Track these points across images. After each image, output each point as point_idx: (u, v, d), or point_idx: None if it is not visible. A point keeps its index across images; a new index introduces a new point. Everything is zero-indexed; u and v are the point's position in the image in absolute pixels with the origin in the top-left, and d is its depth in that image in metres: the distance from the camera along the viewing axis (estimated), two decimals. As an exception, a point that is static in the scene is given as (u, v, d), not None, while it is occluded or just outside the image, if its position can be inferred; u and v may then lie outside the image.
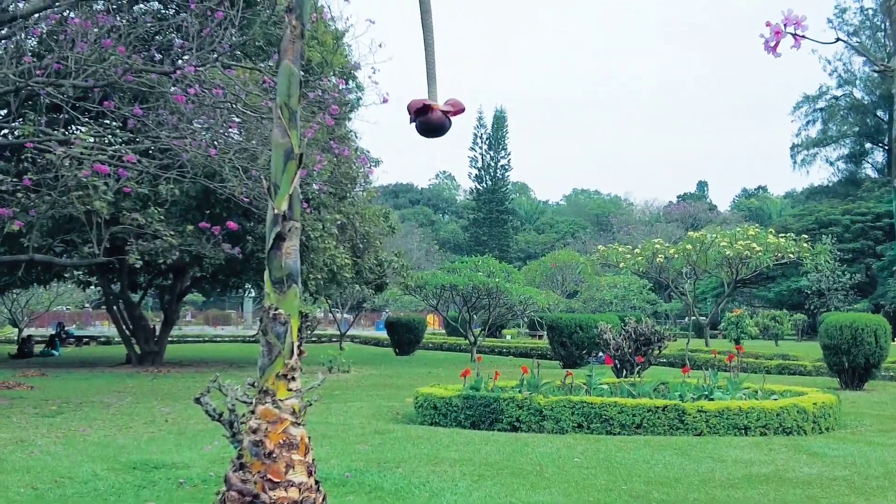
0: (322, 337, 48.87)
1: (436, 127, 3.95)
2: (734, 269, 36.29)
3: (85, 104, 15.87)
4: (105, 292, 29.39)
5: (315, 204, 23.00)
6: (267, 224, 4.72)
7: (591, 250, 60.84)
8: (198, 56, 14.97)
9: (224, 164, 16.22)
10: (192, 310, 74.26)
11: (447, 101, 3.98)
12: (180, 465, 9.14)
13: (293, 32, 4.74)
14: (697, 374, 14.98)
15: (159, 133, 15.78)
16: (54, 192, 14.99)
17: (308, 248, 22.43)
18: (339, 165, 23.67)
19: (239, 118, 17.11)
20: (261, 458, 4.49)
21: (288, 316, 4.64)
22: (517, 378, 14.28)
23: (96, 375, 22.91)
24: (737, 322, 40.96)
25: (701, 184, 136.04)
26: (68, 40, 14.40)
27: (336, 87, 17.53)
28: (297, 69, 4.75)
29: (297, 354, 4.67)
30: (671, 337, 21.76)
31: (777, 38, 3.04)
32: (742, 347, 22.38)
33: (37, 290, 39.69)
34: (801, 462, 9.73)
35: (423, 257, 72.45)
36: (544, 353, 31.03)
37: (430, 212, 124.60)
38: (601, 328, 21.04)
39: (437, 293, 33.43)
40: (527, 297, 33.23)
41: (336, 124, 19.35)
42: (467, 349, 35.09)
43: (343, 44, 24.53)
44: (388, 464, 9.32)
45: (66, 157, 14.34)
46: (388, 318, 41.24)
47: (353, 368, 25.42)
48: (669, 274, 38.42)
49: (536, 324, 49.43)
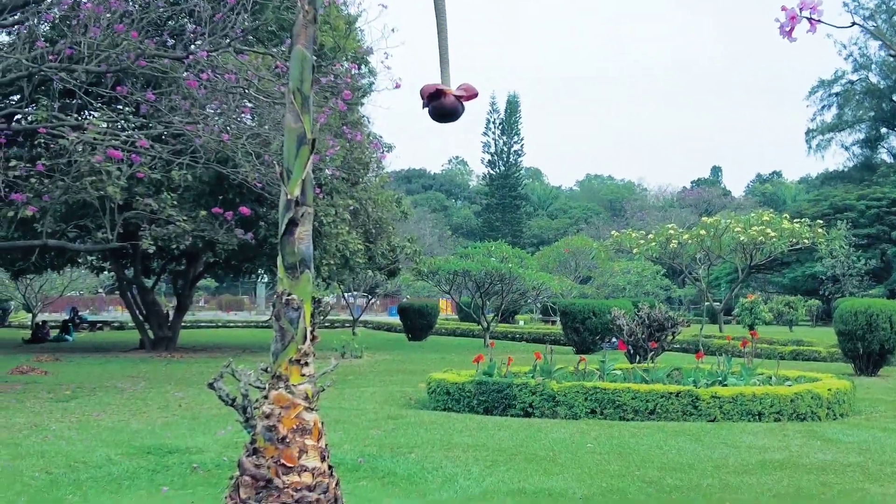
0: (335, 322, 48.99)
1: (449, 112, 3.94)
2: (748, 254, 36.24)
3: (98, 89, 15.90)
4: (118, 277, 29.51)
5: (328, 189, 23.01)
6: (280, 209, 4.72)
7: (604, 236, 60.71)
8: (210, 41, 14.98)
9: (237, 150, 16.23)
10: (205, 295, 74.49)
11: (460, 86, 3.97)
12: (194, 449, 9.18)
13: (305, 17, 4.74)
14: (711, 359, 14.95)
15: (172, 118, 15.79)
16: (67, 177, 15.03)
17: (321, 233, 22.46)
18: (352, 151, 23.69)
19: (251, 103, 17.11)
20: (274, 443, 4.50)
21: (301, 301, 4.65)
22: (530, 364, 14.29)
23: (110, 360, 23.02)
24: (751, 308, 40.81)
25: (715, 169, 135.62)
26: (81, 25, 14.41)
27: (348, 71, 17.50)
28: (310, 54, 4.74)
29: (309, 340, 4.68)
30: (685, 323, 21.71)
31: (792, 23, 3.02)
32: (756, 333, 22.34)
33: (50, 276, 39.83)
34: (815, 448, 9.72)
35: (436, 243, 72.38)
36: (557, 338, 31.04)
37: (442, 197, 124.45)
38: (614, 314, 21.01)
39: (450, 279, 33.45)
40: (540, 283, 33.22)
41: (348, 109, 19.37)
42: (480, 335, 35.13)
43: (355, 28, 24.53)
44: (401, 449, 9.34)
45: (79, 143, 14.38)
46: (401, 304, 41.31)
47: (366, 354, 25.46)
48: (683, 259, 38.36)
49: (549, 309, 49.52)
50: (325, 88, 16.21)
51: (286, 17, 20.67)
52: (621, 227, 62.95)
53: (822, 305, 57.13)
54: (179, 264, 30.89)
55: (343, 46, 22.81)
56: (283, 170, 4.71)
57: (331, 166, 20.37)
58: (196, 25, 16.25)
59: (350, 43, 23.64)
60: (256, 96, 16.15)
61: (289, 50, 5.12)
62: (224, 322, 51.43)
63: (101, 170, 14.55)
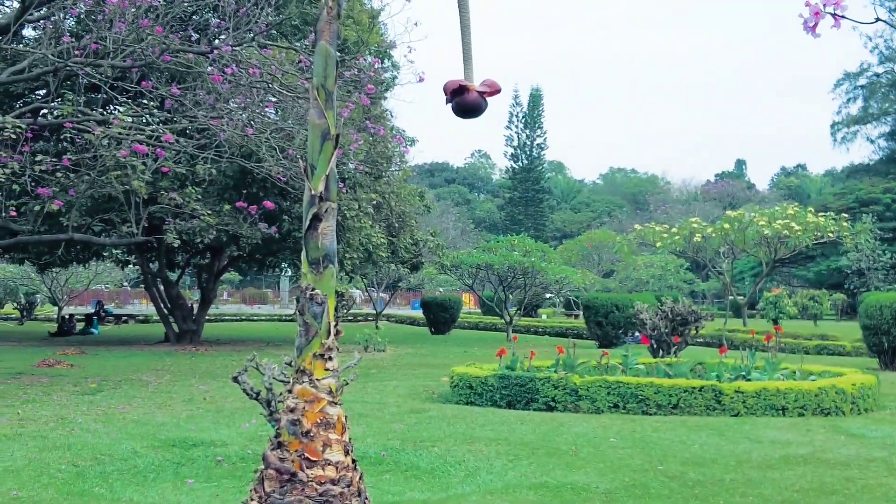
0: (358, 316, 49.09)
1: (472, 108, 3.95)
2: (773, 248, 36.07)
3: (123, 84, 16.00)
4: (143, 271, 29.70)
5: (351, 183, 23.07)
6: (304, 205, 4.76)
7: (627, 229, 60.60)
8: (234, 36, 15.04)
9: (261, 144, 16.30)
10: (229, 288, 74.78)
11: (483, 82, 3.98)
12: (218, 442, 9.25)
13: (329, 14, 4.76)
14: (735, 354, 14.89)
15: (196, 113, 15.88)
16: (93, 171, 15.15)
17: (344, 227, 22.52)
18: (375, 145, 23.73)
19: (275, 98, 17.18)
20: (298, 437, 4.54)
21: (325, 296, 4.68)
22: (553, 358, 14.29)
23: (135, 354, 23.17)
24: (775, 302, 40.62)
25: (739, 162, 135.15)
26: (106, 21, 14.51)
27: (372, 66, 17.54)
28: (334, 50, 4.77)
29: (333, 334, 4.71)
30: (708, 317, 21.66)
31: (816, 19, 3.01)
32: (780, 327, 22.20)
33: (76, 269, 40.11)
34: (839, 443, 9.68)
35: (459, 236, 72.45)
36: (580, 332, 31.00)
37: (465, 191, 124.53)
38: (637, 308, 20.97)
39: (473, 272, 33.49)
40: (563, 277, 33.19)
41: (372, 104, 19.41)
42: (503, 329, 35.15)
43: (379, 22, 24.57)
44: (423, 443, 9.37)
45: (105, 137, 14.48)
46: (424, 298, 41.36)
47: (389, 348, 25.51)
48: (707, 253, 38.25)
49: (572, 303, 49.45)
50: (348, 83, 16.25)
51: (309, 12, 20.74)
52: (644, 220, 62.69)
53: (847, 299, 56.80)
54: (204, 258, 31.05)
55: (366, 41, 22.86)
56: (307, 165, 4.74)
57: (354, 160, 20.42)
58: (220, 20, 16.33)
59: (373, 37, 23.70)
60: (280, 91, 16.20)
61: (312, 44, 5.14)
62: (248, 315, 51.62)
63: (126, 164, 14.65)
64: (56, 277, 41.01)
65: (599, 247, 57.43)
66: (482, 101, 3.94)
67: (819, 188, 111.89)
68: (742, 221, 35.38)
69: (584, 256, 57.06)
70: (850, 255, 53.87)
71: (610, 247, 56.04)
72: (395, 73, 27.89)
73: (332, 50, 4.75)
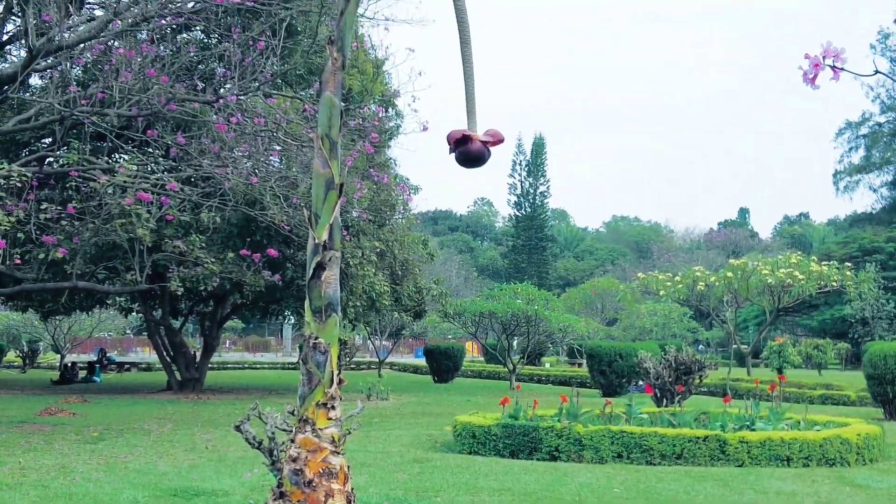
0: (360, 364, 48.97)
1: (475, 157, 3.97)
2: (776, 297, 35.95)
3: (128, 133, 16.12)
4: (146, 319, 29.68)
5: (354, 231, 23.13)
6: (307, 253, 4.77)
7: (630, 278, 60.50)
8: (240, 85, 15.17)
9: (265, 192, 16.37)
10: (232, 336, 74.66)
11: (486, 132, 4.00)
12: (220, 492, 9.19)
13: (334, 64, 4.80)
14: (739, 403, 14.83)
15: (201, 161, 15.97)
16: (98, 219, 15.20)
17: (347, 275, 22.54)
18: (379, 192, 23.81)
19: (280, 146, 17.28)
20: (301, 487, 4.52)
21: (328, 345, 4.68)
22: (556, 406, 14.22)
23: (137, 402, 23.09)
24: (779, 351, 40.47)
25: (742, 210, 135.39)
26: (113, 70, 14.63)
27: (376, 114, 17.68)
28: (338, 100, 4.81)
29: (336, 383, 4.70)
30: (712, 366, 21.59)
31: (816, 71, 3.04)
32: (784, 377, 22.18)
33: (79, 317, 40.07)
34: (845, 494, 9.61)
35: (462, 284, 72.42)
36: (584, 381, 30.92)
37: (468, 238, 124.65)
38: (641, 356, 20.92)
39: (476, 320, 33.45)
40: (566, 325, 33.15)
41: (376, 152, 19.49)
42: (506, 377, 35.03)
43: (383, 72, 24.73)
44: (426, 492, 9.31)
45: (110, 185, 14.55)
46: (427, 346, 41.27)
47: (392, 396, 25.42)
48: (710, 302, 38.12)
49: (576, 351, 49.28)
50: (352, 131, 16.37)
51: (315, 61, 20.90)
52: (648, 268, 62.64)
53: (851, 349, 56.58)
54: (207, 305, 31.03)
55: (370, 89, 23.04)
56: (311, 214, 4.76)
57: (358, 208, 20.49)
58: (226, 69, 16.47)
59: (377, 86, 23.87)
60: (285, 139, 16.31)
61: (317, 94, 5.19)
62: (251, 363, 51.51)
63: (131, 212, 14.70)
64: (59, 325, 40.96)
65: (603, 295, 57.36)
66: (485, 150, 3.95)
67: (822, 237, 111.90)
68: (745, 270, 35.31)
69: (588, 304, 56.98)
70: (853, 304, 53.68)
71: (613, 295, 55.91)
72: (399, 121, 28.06)
73: (336, 100, 4.79)
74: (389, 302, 26.46)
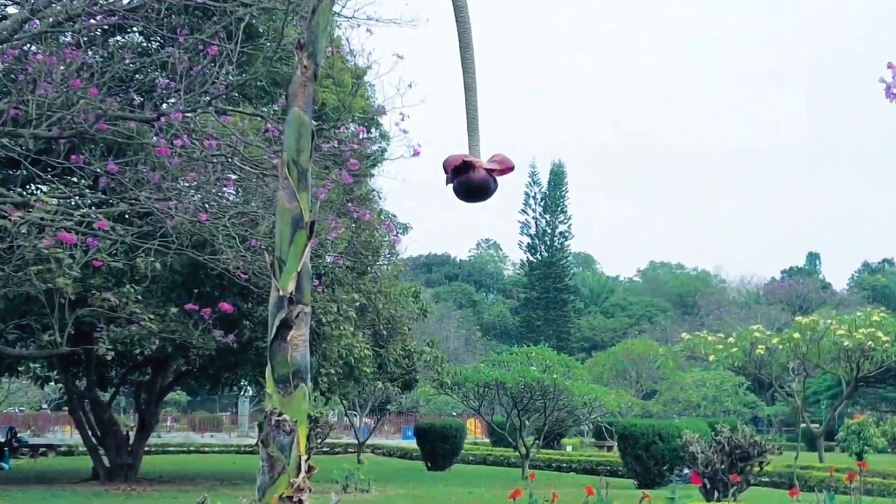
0: (335, 447, 48.78)
1: (478, 188, 3.96)
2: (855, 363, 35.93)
3: (48, 158, 16.12)
4: (68, 390, 29.56)
5: (328, 281, 23.12)
6: (270, 308, 4.77)
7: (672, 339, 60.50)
8: (186, 99, 15.19)
9: (217, 232, 16.36)
10: (174, 412, 74.42)
11: (492, 158, 3.99)
12: None
13: (304, 74, 4.83)
14: (809, 497, 14.80)
15: (138, 194, 15.95)
16: (8, 266, 15.16)
17: (319, 335, 22.50)
18: (359, 233, 23.84)
19: (236, 175, 17.30)
20: None
21: (294, 423, 4.67)
22: (580, 500, 14.18)
23: (55, 495, 22.95)
24: (859, 431, 40.43)
25: (812, 256, 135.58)
26: (29, 80, 14.66)
27: (356, 136, 17.72)
28: (309, 118, 4.83)
29: (304, 471, 4.68)
30: (775, 449, 21.53)
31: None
32: (865, 463, 22.07)
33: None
34: None
35: (463, 347, 72.49)
36: (614, 468, 30.83)
37: (470, 290, 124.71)
38: (686, 438, 20.86)
39: (480, 392, 33.39)
40: (592, 398, 33.09)
41: (355, 182, 19.56)
42: (517, 463, 34.93)
43: (364, 83, 24.86)
44: None
45: (24, 224, 14.53)
46: (419, 424, 41.15)
47: (375, 487, 25.28)
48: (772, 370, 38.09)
49: (605, 432, 49.13)
50: (326, 157, 16.38)
51: (280, 71, 20.99)
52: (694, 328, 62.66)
53: (949, 428, 56.46)
54: (144, 374, 30.94)
55: (349, 105, 23.12)
56: (274, 259, 4.77)
57: (333, 252, 20.51)
58: (170, 80, 16.51)
59: (358, 101, 23.99)
60: (242, 166, 16.33)
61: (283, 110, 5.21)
62: (198, 446, 51.30)
63: (49, 257, 14.67)
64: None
65: (638, 360, 57.34)
66: (491, 180, 3.95)
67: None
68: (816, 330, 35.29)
69: (619, 372, 56.99)
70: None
71: (651, 360, 55.88)
72: (384, 144, 28.16)
73: (306, 118, 4.81)
74: (372, 369, 26.41)
